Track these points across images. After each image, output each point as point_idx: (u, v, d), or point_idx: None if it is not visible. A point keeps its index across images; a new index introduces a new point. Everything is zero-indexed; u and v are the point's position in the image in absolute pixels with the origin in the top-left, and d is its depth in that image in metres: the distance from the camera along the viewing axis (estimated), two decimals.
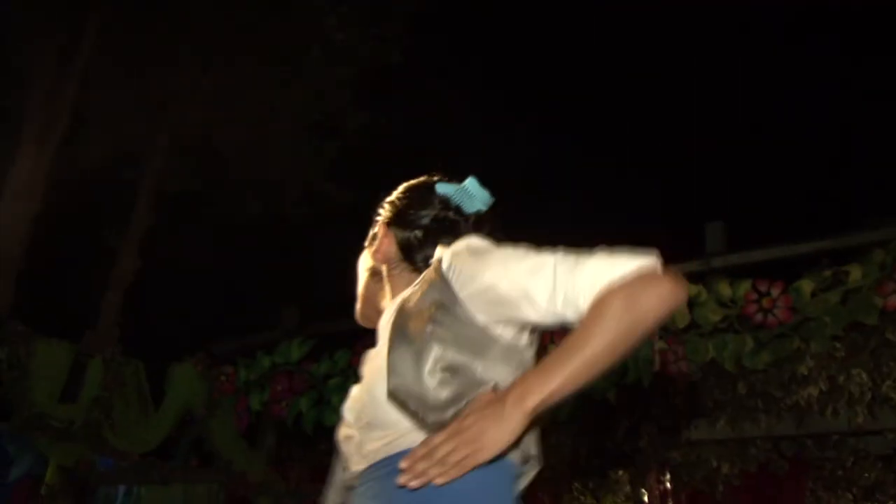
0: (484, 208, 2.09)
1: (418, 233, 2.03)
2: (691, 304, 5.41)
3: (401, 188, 2.18)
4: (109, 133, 9.37)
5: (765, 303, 5.18)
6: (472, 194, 2.08)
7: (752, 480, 5.57)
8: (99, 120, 9.21)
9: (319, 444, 8.27)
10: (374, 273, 2.13)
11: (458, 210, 2.06)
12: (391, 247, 2.06)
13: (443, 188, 2.09)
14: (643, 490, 7.37)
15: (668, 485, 6.11)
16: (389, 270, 2.07)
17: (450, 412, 1.63)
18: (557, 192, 16.82)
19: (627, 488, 7.65)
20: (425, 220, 2.04)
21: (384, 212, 2.15)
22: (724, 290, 5.34)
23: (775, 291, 5.18)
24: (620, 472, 7.20)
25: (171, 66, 9.51)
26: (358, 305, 2.21)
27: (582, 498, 8.60)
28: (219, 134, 10.07)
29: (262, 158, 10.26)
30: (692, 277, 5.58)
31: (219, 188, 10.57)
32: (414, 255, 2.02)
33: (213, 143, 10.19)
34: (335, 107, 10.77)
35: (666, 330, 5.44)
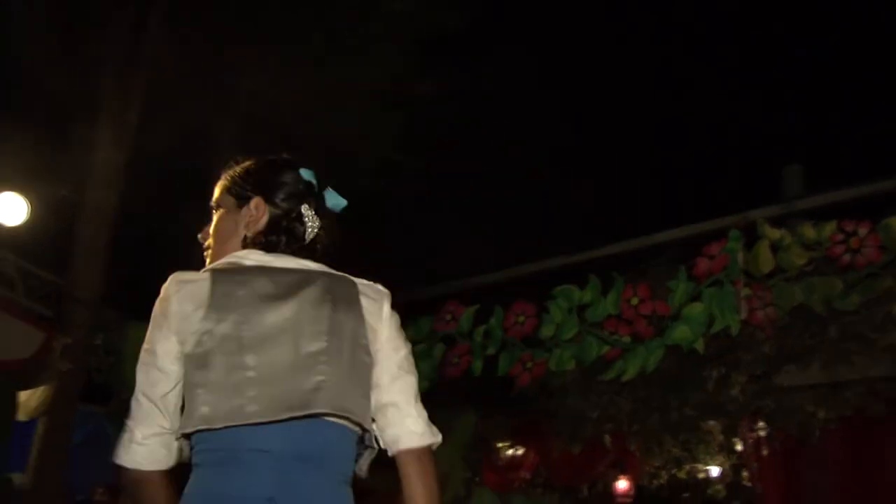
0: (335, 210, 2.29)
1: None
2: (775, 248, 5.31)
3: (265, 161, 2.30)
4: (182, 116, 9.50)
5: (852, 243, 5.06)
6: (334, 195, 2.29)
7: (848, 425, 5.47)
8: (171, 104, 9.34)
9: None
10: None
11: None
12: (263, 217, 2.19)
13: (307, 174, 2.26)
14: (735, 439, 7.29)
15: (762, 433, 6.03)
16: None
17: None
18: (629, 146, 16.58)
19: (720, 438, 7.58)
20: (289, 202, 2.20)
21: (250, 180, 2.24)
22: (809, 232, 5.23)
23: (862, 231, 5.06)
24: (712, 423, 7.12)
25: (237, 45, 9.59)
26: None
27: (673, 450, 8.54)
28: (287, 110, 10.14)
29: (331, 131, 10.31)
30: (773, 222, 5.47)
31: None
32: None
33: (283, 120, 10.27)
34: (400, 76, 10.76)
35: (751, 276, 5.35)
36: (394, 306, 2.27)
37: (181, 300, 2.00)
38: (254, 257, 2.11)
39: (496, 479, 8.96)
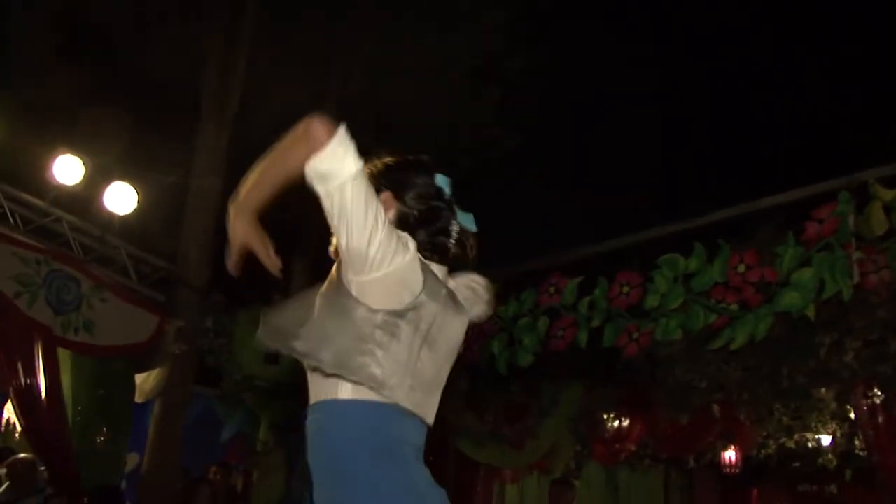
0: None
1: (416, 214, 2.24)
2: (888, 209, 5.15)
3: (402, 160, 2.33)
4: (280, 101, 9.64)
5: None
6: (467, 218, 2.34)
7: None
8: (269, 90, 9.48)
9: (512, 385, 8.37)
10: None
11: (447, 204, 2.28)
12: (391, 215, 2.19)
13: (441, 180, 2.30)
14: (849, 407, 7.11)
15: (877, 400, 5.87)
16: None
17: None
18: (731, 109, 16.21)
19: (833, 406, 7.40)
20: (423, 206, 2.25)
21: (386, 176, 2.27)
22: None
23: None
24: (824, 391, 6.96)
25: (332, 27, 9.68)
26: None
27: (784, 419, 8.37)
28: (383, 90, 10.19)
29: (428, 109, 10.34)
30: (885, 182, 5.29)
31: (387, 143, 10.72)
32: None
33: (379, 100, 10.33)
34: (493, 52, 10.72)
35: (862, 239, 5.20)
36: (494, 280, 2.38)
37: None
38: (434, 267, 2.21)
39: (603, 452, 8.93)
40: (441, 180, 2.29)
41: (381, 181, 2.22)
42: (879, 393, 5.80)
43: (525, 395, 8.38)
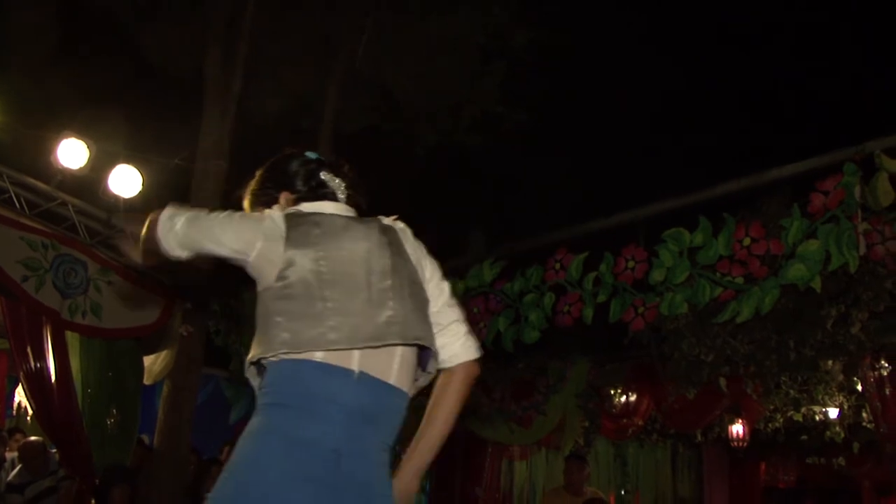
0: None
1: None
2: (895, 180, 5.13)
3: (271, 163, 2.62)
4: (283, 83, 9.63)
5: None
6: None
7: None
8: (272, 72, 9.47)
9: (518, 362, 8.39)
10: None
11: None
12: None
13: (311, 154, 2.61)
14: (856, 379, 7.12)
15: (885, 372, 5.88)
16: None
17: None
18: (735, 83, 16.14)
19: (840, 378, 7.40)
20: None
21: (269, 183, 2.59)
22: None
23: None
24: (831, 363, 6.96)
25: (335, 8, 9.65)
26: None
27: (791, 392, 8.39)
28: (388, 68, 10.17)
29: (432, 87, 10.30)
30: (892, 153, 5.26)
31: (394, 121, 10.73)
32: None
33: (384, 79, 10.31)
34: (498, 28, 10.67)
35: (869, 210, 5.18)
36: (500, 258, 2.40)
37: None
38: (328, 207, 2.37)
39: (611, 427, 8.97)
40: (311, 154, 2.51)
41: (267, 190, 2.48)
42: (887, 365, 5.81)
43: (532, 371, 8.41)
